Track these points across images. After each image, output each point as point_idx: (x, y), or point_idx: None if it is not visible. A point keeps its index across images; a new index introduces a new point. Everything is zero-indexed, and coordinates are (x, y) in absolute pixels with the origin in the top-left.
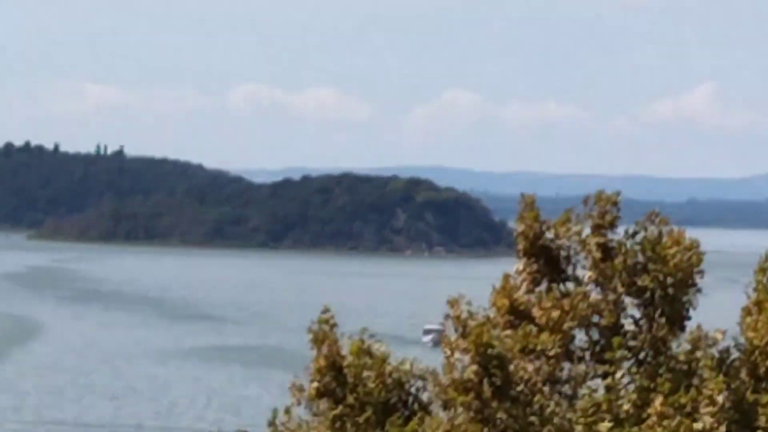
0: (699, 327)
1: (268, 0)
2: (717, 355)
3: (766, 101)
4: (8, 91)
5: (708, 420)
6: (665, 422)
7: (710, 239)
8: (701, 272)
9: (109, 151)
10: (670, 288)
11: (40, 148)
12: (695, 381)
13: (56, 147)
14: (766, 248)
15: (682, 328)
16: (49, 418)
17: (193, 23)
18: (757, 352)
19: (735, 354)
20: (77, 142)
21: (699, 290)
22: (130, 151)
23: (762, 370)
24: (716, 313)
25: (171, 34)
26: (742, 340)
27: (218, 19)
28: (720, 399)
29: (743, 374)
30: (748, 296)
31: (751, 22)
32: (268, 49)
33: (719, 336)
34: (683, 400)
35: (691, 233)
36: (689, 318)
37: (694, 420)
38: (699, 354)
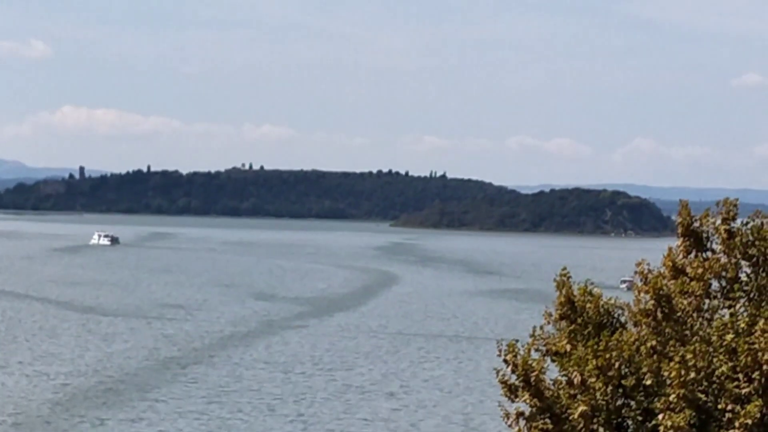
0: None
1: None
2: None
3: None
4: (389, 141)
5: None
6: (766, 335)
7: None
8: None
9: (437, 175)
10: (760, 258)
11: (398, 173)
12: None
13: (407, 172)
14: None
15: None
16: (407, 331)
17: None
18: None
19: None
20: (419, 169)
21: None
22: (450, 175)
23: None
24: None
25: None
26: None
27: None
28: None
29: None
30: None
31: None
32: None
33: None
34: None
35: None
36: None
37: None
38: None
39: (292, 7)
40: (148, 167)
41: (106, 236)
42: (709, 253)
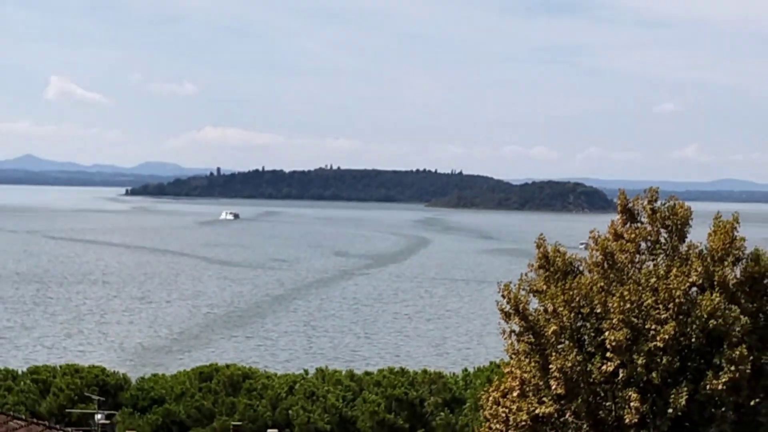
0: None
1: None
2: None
3: None
4: (425, 149)
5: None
6: (677, 278)
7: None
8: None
9: (456, 172)
10: (673, 227)
11: (430, 170)
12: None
13: (435, 170)
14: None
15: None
16: (437, 277)
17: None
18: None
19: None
20: (444, 168)
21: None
22: (465, 172)
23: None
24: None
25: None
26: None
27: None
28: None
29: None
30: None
31: None
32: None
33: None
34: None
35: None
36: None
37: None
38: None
39: (363, 58)
40: (263, 167)
41: (230, 213)
42: (639, 224)
